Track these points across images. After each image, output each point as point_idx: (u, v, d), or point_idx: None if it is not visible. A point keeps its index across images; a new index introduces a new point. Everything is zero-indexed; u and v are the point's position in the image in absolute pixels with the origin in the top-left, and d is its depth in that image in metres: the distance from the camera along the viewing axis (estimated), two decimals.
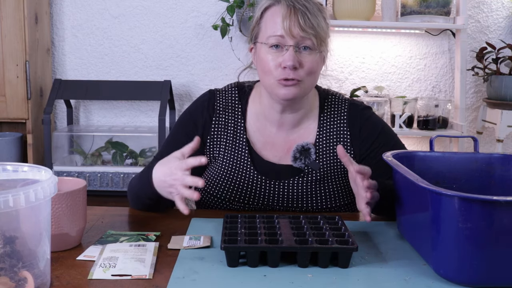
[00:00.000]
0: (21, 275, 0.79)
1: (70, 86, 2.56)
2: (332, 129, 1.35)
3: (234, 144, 1.34)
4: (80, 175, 2.41)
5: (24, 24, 2.41)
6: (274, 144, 1.35)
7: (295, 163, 1.32)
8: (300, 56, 1.24)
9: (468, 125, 2.81)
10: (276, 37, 1.23)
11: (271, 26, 1.25)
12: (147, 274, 0.93)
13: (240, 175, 1.33)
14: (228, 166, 1.34)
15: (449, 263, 0.90)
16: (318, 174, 1.32)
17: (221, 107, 1.38)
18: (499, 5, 2.76)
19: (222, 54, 2.73)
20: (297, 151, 1.31)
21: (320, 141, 1.34)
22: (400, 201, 1.13)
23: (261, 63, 1.27)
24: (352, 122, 1.36)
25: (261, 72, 1.29)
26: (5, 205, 0.73)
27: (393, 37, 2.77)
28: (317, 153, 1.33)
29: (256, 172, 1.32)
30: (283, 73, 1.23)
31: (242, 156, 1.33)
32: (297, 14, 1.22)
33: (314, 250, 0.96)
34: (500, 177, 1.19)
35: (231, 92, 1.40)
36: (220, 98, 1.39)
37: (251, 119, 1.37)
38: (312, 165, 1.31)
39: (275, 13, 1.25)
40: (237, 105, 1.37)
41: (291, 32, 1.22)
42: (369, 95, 2.67)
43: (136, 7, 2.73)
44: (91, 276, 0.92)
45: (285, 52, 1.23)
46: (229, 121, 1.36)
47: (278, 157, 1.35)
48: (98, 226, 1.19)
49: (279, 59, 1.23)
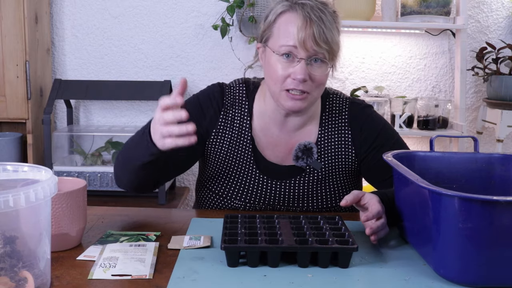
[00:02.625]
0: (21, 275, 0.79)
1: (70, 86, 2.56)
2: (333, 129, 1.35)
3: (239, 141, 1.34)
4: (80, 175, 2.41)
5: (24, 24, 2.41)
6: (276, 144, 1.35)
7: (297, 162, 1.31)
8: (311, 68, 1.22)
9: (468, 125, 2.81)
10: (288, 47, 1.21)
11: (284, 34, 1.22)
12: (147, 274, 0.93)
13: (241, 173, 1.33)
14: (231, 163, 1.33)
15: (449, 263, 0.90)
16: (320, 173, 1.32)
17: (229, 103, 1.36)
18: (499, 5, 2.76)
19: (222, 54, 2.73)
20: (299, 150, 1.31)
21: (322, 141, 1.34)
22: (400, 201, 1.13)
23: (270, 69, 1.25)
24: (353, 121, 1.35)
25: (268, 78, 1.27)
26: (5, 205, 0.73)
27: (393, 37, 2.77)
28: (319, 152, 1.32)
29: (258, 171, 1.32)
30: (292, 83, 1.21)
31: (245, 154, 1.33)
32: (313, 26, 1.19)
33: (314, 250, 0.96)
34: (500, 177, 1.19)
35: (238, 88, 1.38)
36: (228, 93, 1.37)
37: (256, 118, 1.36)
38: (314, 164, 1.30)
39: (289, 21, 1.21)
40: (244, 102, 1.36)
41: (305, 44, 1.19)
42: (369, 95, 2.67)
43: (136, 7, 2.73)
44: (91, 276, 0.92)
45: (296, 64, 1.21)
46: (236, 118, 1.35)
47: (280, 158, 1.34)
48: (98, 226, 1.19)
49: (289, 70, 1.21)
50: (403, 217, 1.12)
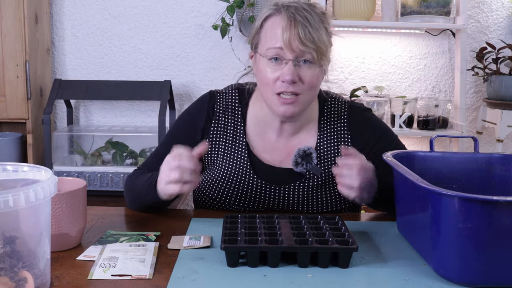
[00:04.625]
0: (21, 275, 0.79)
1: (70, 86, 2.56)
2: (332, 133, 1.34)
3: (234, 147, 1.33)
4: (80, 175, 2.41)
5: (24, 24, 2.41)
6: (274, 148, 1.34)
7: (297, 168, 1.29)
8: (299, 70, 1.21)
9: (468, 125, 2.81)
10: (275, 49, 1.21)
11: (270, 37, 1.22)
12: (147, 274, 0.93)
13: (239, 179, 1.32)
14: (227, 169, 1.33)
15: (449, 263, 0.90)
16: (320, 179, 1.31)
17: (221, 109, 1.36)
18: (499, 5, 2.76)
19: (222, 54, 2.73)
20: (298, 156, 1.29)
21: (321, 145, 1.33)
22: (400, 201, 1.13)
23: (260, 74, 1.26)
24: (353, 125, 1.35)
25: (260, 83, 1.28)
26: (5, 205, 0.73)
27: (393, 37, 2.77)
28: (318, 157, 1.31)
29: (255, 177, 1.31)
30: (282, 86, 1.21)
31: (241, 160, 1.32)
32: (297, 26, 1.19)
33: (314, 250, 0.96)
34: (500, 177, 1.19)
35: (231, 94, 1.38)
36: (220, 100, 1.37)
37: (251, 123, 1.36)
38: (314, 170, 1.28)
39: (274, 24, 1.22)
40: (237, 108, 1.36)
41: (291, 45, 1.19)
42: (369, 95, 2.67)
43: (136, 7, 2.73)
44: (91, 276, 0.92)
45: (284, 66, 1.20)
46: (229, 124, 1.35)
47: (279, 161, 1.34)
48: (98, 226, 1.19)
49: (277, 73, 1.21)
50: (403, 217, 1.12)
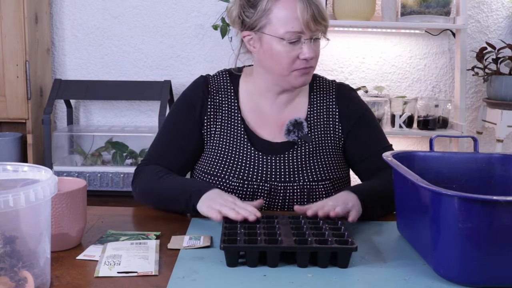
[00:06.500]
0: (21, 275, 0.79)
1: (70, 86, 2.56)
2: (322, 106, 1.44)
3: (230, 122, 1.41)
4: (80, 175, 2.41)
5: (24, 24, 2.41)
6: (267, 122, 1.42)
7: (289, 136, 1.38)
8: (314, 46, 1.31)
9: (468, 125, 2.81)
10: (295, 33, 1.27)
11: (287, 20, 1.27)
12: (152, 270, 0.93)
13: (237, 152, 1.38)
14: (225, 144, 1.39)
15: (449, 263, 0.90)
16: (310, 146, 1.39)
17: (214, 89, 1.44)
18: (499, 5, 2.76)
19: (222, 54, 2.73)
20: (290, 125, 1.38)
21: (311, 117, 1.42)
22: (400, 201, 1.13)
23: (273, 56, 1.31)
24: (341, 100, 1.45)
25: (271, 63, 1.33)
26: (5, 205, 0.73)
27: (393, 37, 2.77)
28: (309, 127, 1.41)
29: (253, 148, 1.38)
30: (301, 63, 1.30)
31: (238, 134, 1.40)
32: (312, 7, 1.27)
33: (314, 250, 0.96)
34: (500, 177, 1.19)
35: (222, 76, 1.47)
36: (212, 81, 1.46)
37: (245, 99, 1.44)
38: (305, 138, 1.38)
39: (289, 7, 1.27)
40: (229, 87, 1.45)
41: (309, 26, 1.27)
42: (369, 95, 2.67)
43: (136, 7, 2.73)
44: (97, 273, 0.92)
45: (301, 44, 1.28)
46: (223, 102, 1.43)
47: (272, 135, 1.41)
48: (98, 226, 1.19)
49: (295, 52, 1.29)
50: (403, 217, 1.12)
